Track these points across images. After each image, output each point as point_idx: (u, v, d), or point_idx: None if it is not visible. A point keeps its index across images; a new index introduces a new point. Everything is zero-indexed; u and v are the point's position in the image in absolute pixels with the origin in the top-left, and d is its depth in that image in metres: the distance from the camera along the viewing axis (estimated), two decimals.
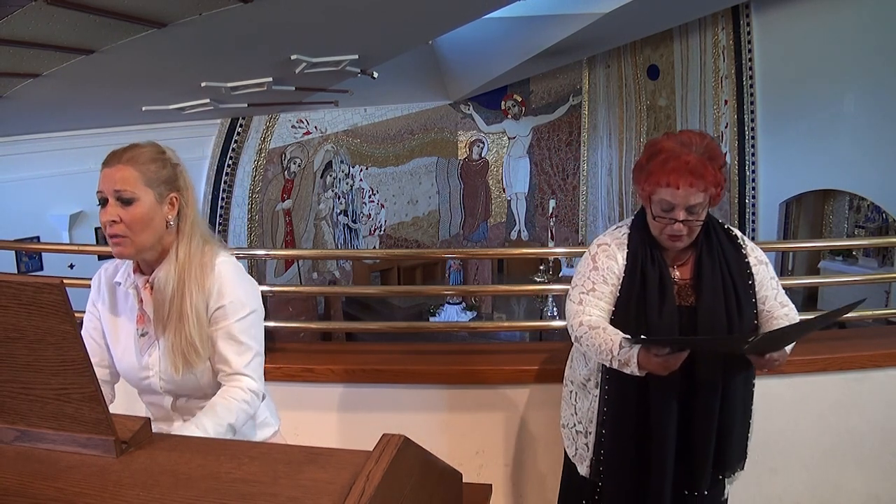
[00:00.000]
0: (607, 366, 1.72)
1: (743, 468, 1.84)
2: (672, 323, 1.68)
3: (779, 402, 2.41)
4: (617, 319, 1.74)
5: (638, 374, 1.62)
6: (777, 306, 1.76)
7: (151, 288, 1.48)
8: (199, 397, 1.53)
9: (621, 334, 1.66)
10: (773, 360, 1.62)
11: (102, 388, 1.52)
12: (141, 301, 1.50)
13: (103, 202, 1.43)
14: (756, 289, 1.75)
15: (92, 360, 1.51)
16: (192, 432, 1.36)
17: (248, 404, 1.47)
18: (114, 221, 1.40)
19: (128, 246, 1.43)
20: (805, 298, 7.93)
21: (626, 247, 1.76)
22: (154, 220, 1.44)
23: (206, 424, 1.38)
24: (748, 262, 1.76)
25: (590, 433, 1.84)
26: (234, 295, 1.49)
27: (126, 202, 1.41)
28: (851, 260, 7.87)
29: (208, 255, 1.50)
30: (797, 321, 1.70)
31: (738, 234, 1.81)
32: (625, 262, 1.75)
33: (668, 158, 1.63)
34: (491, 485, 1.49)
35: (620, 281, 1.74)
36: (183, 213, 1.49)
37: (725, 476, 1.80)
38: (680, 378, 1.66)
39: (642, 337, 1.61)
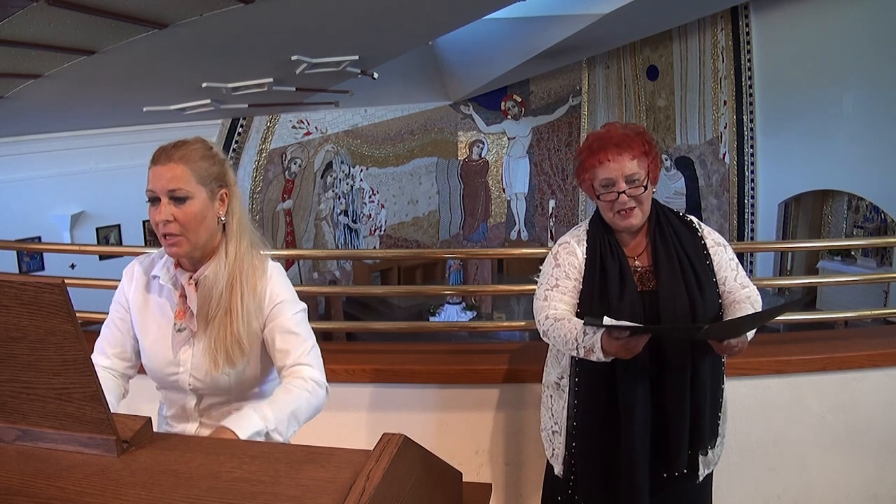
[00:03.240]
0: (575, 355, 1.75)
1: (714, 447, 1.86)
2: (634, 308, 1.73)
3: (777, 402, 2.42)
4: (582, 310, 1.79)
5: (604, 359, 1.65)
6: (737, 287, 1.81)
7: (196, 284, 1.48)
8: (224, 402, 1.52)
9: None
10: (732, 346, 1.65)
11: (118, 381, 1.52)
12: (183, 297, 1.49)
13: (154, 201, 1.41)
14: (715, 269, 1.80)
15: (111, 350, 1.53)
16: (251, 418, 1.32)
17: (309, 393, 1.43)
18: (168, 221, 1.40)
19: (183, 245, 1.42)
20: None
21: (585, 241, 1.84)
22: (207, 217, 1.44)
23: (266, 411, 1.34)
24: (705, 244, 1.82)
25: (563, 431, 1.87)
26: (287, 294, 1.52)
27: (180, 200, 1.40)
28: (850, 260, 7.88)
29: (258, 258, 1.51)
30: (749, 313, 1.74)
31: (694, 219, 1.87)
32: (584, 256, 1.82)
33: (593, 141, 1.76)
34: (491, 484, 1.49)
35: (582, 274, 1.81)
36: (231, 210, 1.49)
37: (700, 453, 1.82)
38: (648, 363, 1.71)
39: (605, 321, 1.64)
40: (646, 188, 1.74)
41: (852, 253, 7.86)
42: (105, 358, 1.54)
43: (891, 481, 2.49)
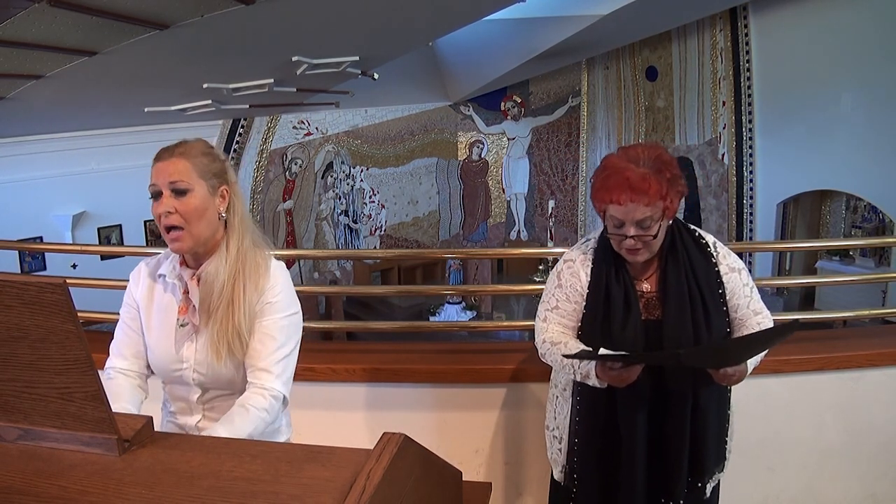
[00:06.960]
0: (573, 378, 1.72)
1: (722, 471, 1.83)
2: (636, 337, 1.66)
3: (776, 401, 2.42)
4: (583, 335, 1.73)
5: (600, 385, 1.63)
6: (750, 314, 1.73)
7: (198, 280, 1.51)
8: (227, 394, 1.56)
9: (582, 347, 1.66)
10: (729, 375, 1.60)
11: (138, 385, 1.56)
12: (186, 292, 1.53)
13: (157, 195, 1.46)
14: (727, 297, 1.72)
15: (128, 351, 1.56)
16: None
17: (266, 412, 1.47)
18: (169, 212, 1.44)
19: (186, 240, 1.46)
20: (802, 298, 7.95)
21: (590, 262, 1.75)
22: (208, 210, 1.48)
23: (223, 434, 1.38)
24: (718, 272, 1.72)
25: (563, 440, 1.85)
26: (283, 294, 1.55)
27: (181, 193, 1.44)
28: (848, 260, 7.88)
29: (261, 255, 1.55)
30: (736, 338, 1.68)
31: (710, 240, 1.76)
32: (588, 279, 1.73)
33: (609, 175, 1.61)
34: (490, 483, 1.49)
35: (585, 298, 1.73)
36: (232, 207, 1.53)
37: (703, 483, 1.78)
38: (649, 390, 1.66)
39: (601, 352, 1.61)
40: (656, 235, 1.62)
41: (850, 253, 7.86)
42: (123, 360, 1.57)
43: (889, 481, 2.49)
